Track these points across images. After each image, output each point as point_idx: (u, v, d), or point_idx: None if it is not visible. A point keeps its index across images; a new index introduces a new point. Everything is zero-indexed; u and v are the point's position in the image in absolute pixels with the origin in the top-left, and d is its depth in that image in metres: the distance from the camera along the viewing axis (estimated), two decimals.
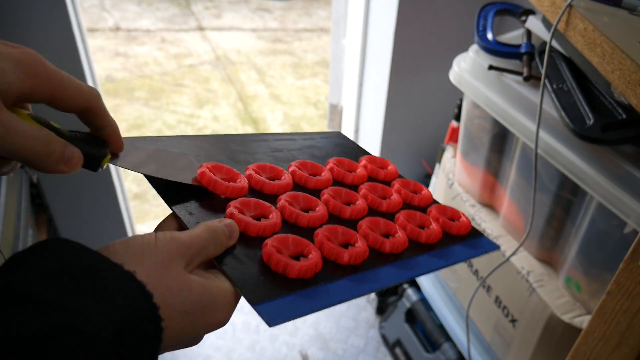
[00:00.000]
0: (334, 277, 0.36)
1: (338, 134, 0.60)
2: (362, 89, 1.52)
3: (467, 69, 0.93)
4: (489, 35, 0.92)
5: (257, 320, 1.51)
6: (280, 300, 0.33)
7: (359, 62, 1.47)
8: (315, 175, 0.47)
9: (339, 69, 1.63)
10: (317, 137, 0.57)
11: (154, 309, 0.27)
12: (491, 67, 0.85)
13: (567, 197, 0.81)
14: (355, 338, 1.49)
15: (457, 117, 1.15)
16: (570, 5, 0.67)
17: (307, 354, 1.43)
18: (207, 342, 1.44)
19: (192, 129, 2.45)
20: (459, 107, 1.12)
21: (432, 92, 1.44)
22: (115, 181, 1.36)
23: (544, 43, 0.84)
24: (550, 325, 0.84)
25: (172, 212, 0.38)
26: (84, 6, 3.61)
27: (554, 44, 0.80)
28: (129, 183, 2.03)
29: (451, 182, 1.11)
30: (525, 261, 0.91)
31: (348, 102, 1.62)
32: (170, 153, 0.42)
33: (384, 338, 1.46)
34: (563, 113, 0.71)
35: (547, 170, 0.82)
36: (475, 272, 1.04)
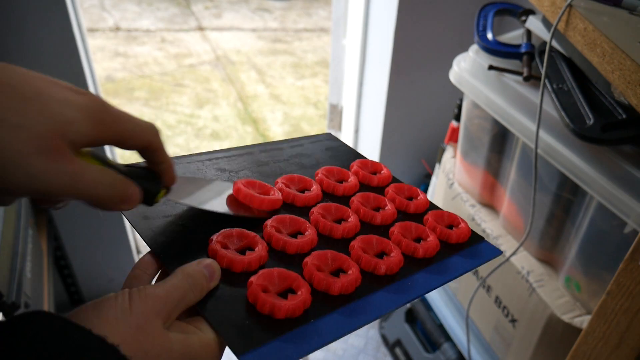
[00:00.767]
0: (324, 312, 0.35)
1: (327, 136, 0.58)
2: (362, 89, 1.52)
3: (467, 69, 0.93)
4: (489, 35, 0.92)
5: None
6: (266, 347, 0.31)
7: (359, 62, 1.47)
8: (303, 191, 0.45)
9: (339, 69, 1.63)
10: (305, 142, 0.55)
11: None
12: (491, 67, 0.85)
13: (567, 197, 0.81)
14: (355, 338, 1.49)
15: (457, 117, 1.15)
16: (570, 5, 0.67)
17: None
18: None
19: (192, 129, 2.45)
20: (459, 107, 1.12)
21: (432, 92, 1.44)
22: None
23: (544, 43, 0.84)
24: (550, 325, 0.84)
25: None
26: (84, 6, 3.61)
27: (554, 44, 0.80)
28: None
29: (451, 182, 1.11)
30: (525, 261, 0.91)
31: (348, 102, 1.62)
32: (205, 180, 0.43)
33: (384, 338, 1.46)
34: (563, 113, 0.71)
35: (547, 170, 0.82)
36: (475, 272, 1.04)
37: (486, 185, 1.02)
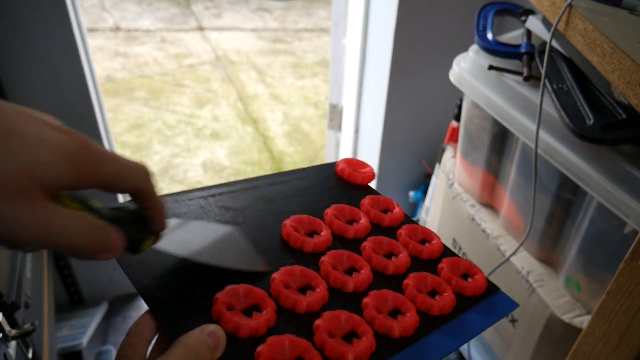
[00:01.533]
0: None
1: (333, 167, 0.55)
2: (362, 89, 1.52)
3: (467, 69, 0.93)
4: (489, 35, 0.92)
5: None
6: None
7: (359, 62, 1.47)
8: (312, 234, 0.43)
9: (339, 69, 1.63)
10: (312, 173, 0.53)
11: None
12: (491, 67, 0.85)
13: (567, 197, 0.81)
14: None
15: (457, 117, 1.15)
16: (570, 5, 0.67)
17: None
18: None
19: (192, 129, 2.45)
20: (459, 107, 1.12)
21: (432, 92, 1.44)
22: None
23: (544, 43, 0.84)
24: (550, 325, 0.84)
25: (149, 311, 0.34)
26: (84, 6, 3.61)
27: (554, 44, 0.80)
28: None
29: (451, 182, 1.11)
30: (525, 261, 0.91)
31: (348, 102, 1.62)
32: (202, 224, 0.40)
33: None
34: (563, 113, 0.71)
35: (547, 170, 0.82)
36: None
37: (486, 185, 1.02)
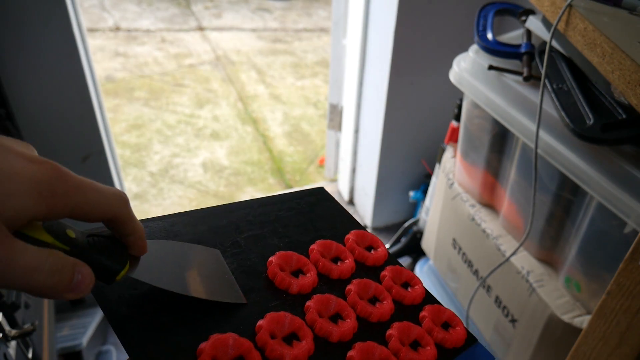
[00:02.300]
0: None
1: (320, 192, 0.54)
2: (362, 89, 1.52)
3: (467, 69, 0.93)
4: (489, 35, 0.92)
5: None
6: None
7: (359, 62, 1.47)
8: (298, 273, 0.43)
9: (339, 69, 1.63)
10: (296, 200, 0.51)
11: None
12: (491, 67, 0.85)
13: (567, 197, 0.81)
14: None
15: (457, 117, 1.15)
16: (570, 5, 0.67)
17: None
18: None
19: (192, 129, 2.45)
20: (459, 107, 1.12)
21: (432, 92, 1.44)
22: (115, 181, 1.37)
23: (544, 43, 0.84)
24: (550, 325, 0.84)
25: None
26: (84, 6, 3.61)
27: (554, 44, 0.80)
28: (128, 183, 2.03)
29: (451, 182, 1.11)
30: (525, 261, 0.91)
31: (348, 102, 1.62)
32: (188, 248, 0.38)
33: None
34: (563, 113, 0.71)
35: (547, 170, 0.82)
36: (475, 272, 1.04)
37: (486, 185, 1.02)
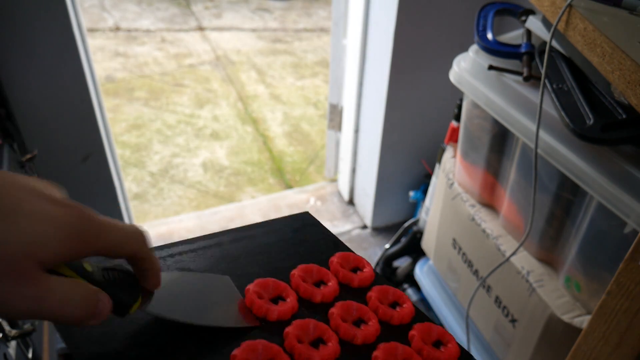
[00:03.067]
0: None
1: (304, 216, 0.52)
2: (362, 89, 1.52)
3: (467, 69, 0.93)
4: (489, 35, 0.92)
5: None
6: None
7: (359, 62, 1.47)
8: (277, 300, 0.41)
9: (339, 69, 1.63)
10: (278, 226, 0.50)
11: None
12: (491, 67, 0.85)
13: (567, 197, 0.81)
14: None
15: (457, 117, 1.15)
16: (570, 5, 0.67)
17: None
18: None
19: (192, 129, 2.45)
20: (459, 107, 1.12)
21: (432, 92, 1.44)
22: (115, 181, 1.36)
23: (544, 43, 0.84)
24: (550, 325, 0.84)
25: None
26: (84, 6, 3.61)
27: (554, 44, 0.80)
28: (128, 183, 2.03)
29: (451, 182, 1.11)
30: (525, 261, 0.91)
31: (348, 102, 1.62)
32: (203, 279, 0.39)
33: None
34: (563, 113, 0.71)
35: (547, 170, 0.82)
36: (475, 272, 1.04)
37: (486, 185, 1.01)
